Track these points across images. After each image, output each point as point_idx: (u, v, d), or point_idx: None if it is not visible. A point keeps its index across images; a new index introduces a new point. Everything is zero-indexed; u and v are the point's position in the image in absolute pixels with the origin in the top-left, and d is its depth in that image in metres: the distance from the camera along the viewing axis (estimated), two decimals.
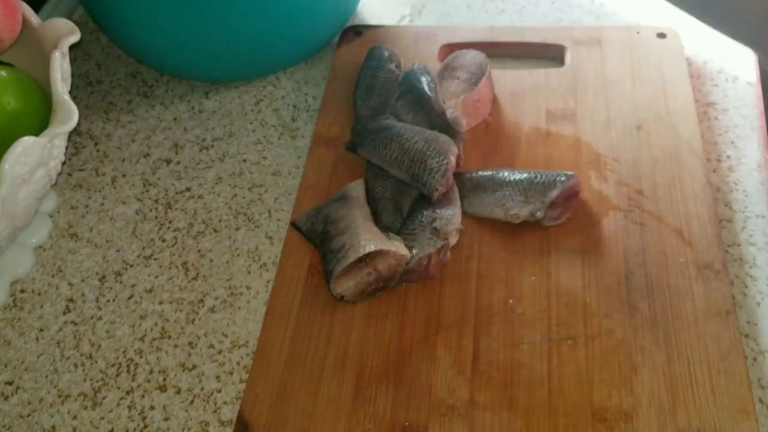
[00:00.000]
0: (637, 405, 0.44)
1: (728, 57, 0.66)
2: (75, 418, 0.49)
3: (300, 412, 0.46)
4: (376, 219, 0.54)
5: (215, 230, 0.59)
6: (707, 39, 0.68)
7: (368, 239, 0.50)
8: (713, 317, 0.48)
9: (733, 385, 0.45)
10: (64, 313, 0.55)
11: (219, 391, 0.49)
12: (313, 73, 0.70)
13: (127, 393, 0.50)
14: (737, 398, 0.44)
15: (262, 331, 0.51)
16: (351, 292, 0.50)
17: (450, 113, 0.58)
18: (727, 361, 0.46)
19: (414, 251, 0.51)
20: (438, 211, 0.53)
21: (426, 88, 0.60)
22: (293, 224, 0.56)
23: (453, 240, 0.52)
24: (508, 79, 0.65)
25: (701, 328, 0.47)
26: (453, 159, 0.54)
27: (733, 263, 0.52)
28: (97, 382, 0.51)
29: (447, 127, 0.57)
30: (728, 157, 0.58)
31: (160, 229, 0.59)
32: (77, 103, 0.53)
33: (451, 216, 0.53)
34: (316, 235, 0.54)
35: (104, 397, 0.50)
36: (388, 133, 0.56)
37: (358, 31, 0.71)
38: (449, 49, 0.68)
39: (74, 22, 0.56)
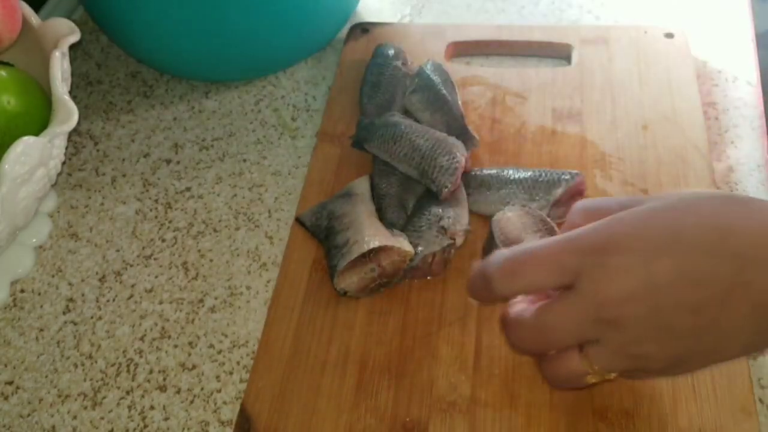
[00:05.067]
0: (639, 404, 0.46)
1: (728, 57, 0.68)
2: (75, 418, 0.51)
3: (302, 406, 0.48)
4: (381, 215, 0.56)
5: (215, 230, 0.61)
6: (707, 39, 0.70)
7: (372, 235, 0.52)
8: None
9: (734, 386, 0.46)
10: (64, 313, 0.57)
11: (219, 391, 0.52)
12: (313, 72, 0.73)
13: (127, 393, 0.52)
14: (738, 398, 0.46)
15: (266, 325, 0.53)
16: (354, 288, 0.53)
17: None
18: (729, 361, 0.48)
19: (419, 248, 0.53)
20: (446, 209, 0.55)
21: (445, 90, 0.63)
22: (297, 220, 0.58)
23: (459, 240, 0.54)
24: (514, 77, 0.67)
25: None
26: (463, 159, 0.56)
27: None
28: (97, 382, 0.53)
29: (463, 131, 0.60)
30: (728, 157, 0.60)
31: (160, 229, 0.62)
32: (77, 103, 0.55)
33: (458, 216, 0.55)
34: (321, 230, 0.56)
35: (104, 397, 0.52)
36: (397, 129, 0.58)
37: (365, 28, 0.74)
38: (456, 46, 0.71)
39: (74, 22, 0.59)
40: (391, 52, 0.68)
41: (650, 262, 0.38)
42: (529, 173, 0.57)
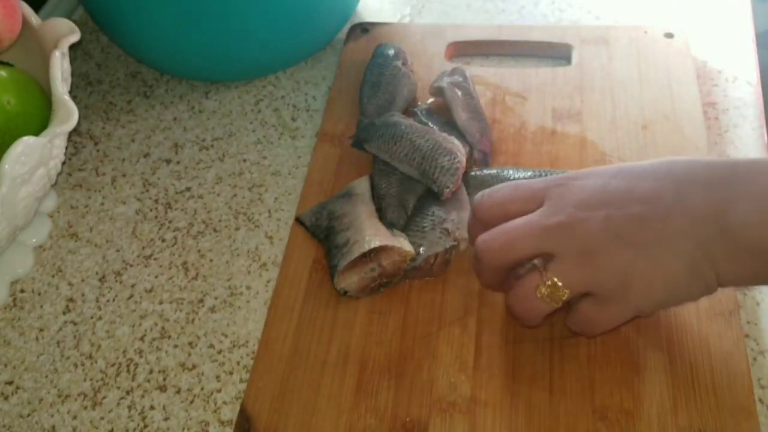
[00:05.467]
0: (639, 404, 0.47)
1: (728, 57, 0.69)
2: (75, 418, 0.52)
3: (302, 406, 0.49)
4: (381, 215, 0.56)
5: (215, 230, 0.62)
6: (707, 39, 0.70)
7: (373, 235, 0.53)
8: (716, 317, 0.50)
9: (735, 386, 0.47)
10: (64, 313, 0.58)
11: (219, 391, 0.52)
12: (313, 73, 0.74)
13: (127, 393, 0.53)
14: (739, 398, 0.46)
15: (266, 325, 0.53)
16: (354, 288, 0.53)
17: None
18: (730, 362, 0.48)
19: (422, 249, 0.53)
20: (449, 211, 0.56)
21: (480, 106, 0.64)
22: (298, 219, 0.59)
23: (464, 244, 0.55)
24: (514, 77, 0.68)
25: (704, 328, 0.50)
26: (463, 159, 0.57)
27: None
28: (97, 382, 0.53)
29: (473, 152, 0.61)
30: (728, 157, 0.61)
31: (160, 229, 0.63)
32: (77, 103, 0.55)
33: (462, 219, 0.55)
34: (321, 230, 0.57)
35: (104, 397, 0.53)
36: (397, 129, 0.59)
37: (365, 28, 0.74)
38: (456, 46, 0.72)
39: (74, 22, 0.59)
40: (391, 52, 0.68)
41: (606, 182, 0.46)
42: (529, 173, 0.57)
